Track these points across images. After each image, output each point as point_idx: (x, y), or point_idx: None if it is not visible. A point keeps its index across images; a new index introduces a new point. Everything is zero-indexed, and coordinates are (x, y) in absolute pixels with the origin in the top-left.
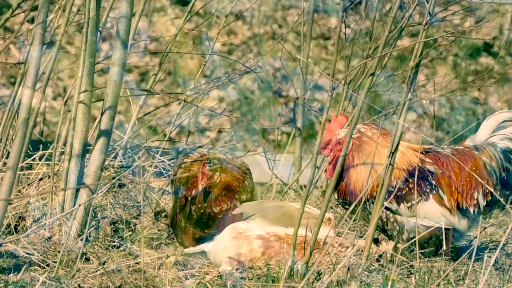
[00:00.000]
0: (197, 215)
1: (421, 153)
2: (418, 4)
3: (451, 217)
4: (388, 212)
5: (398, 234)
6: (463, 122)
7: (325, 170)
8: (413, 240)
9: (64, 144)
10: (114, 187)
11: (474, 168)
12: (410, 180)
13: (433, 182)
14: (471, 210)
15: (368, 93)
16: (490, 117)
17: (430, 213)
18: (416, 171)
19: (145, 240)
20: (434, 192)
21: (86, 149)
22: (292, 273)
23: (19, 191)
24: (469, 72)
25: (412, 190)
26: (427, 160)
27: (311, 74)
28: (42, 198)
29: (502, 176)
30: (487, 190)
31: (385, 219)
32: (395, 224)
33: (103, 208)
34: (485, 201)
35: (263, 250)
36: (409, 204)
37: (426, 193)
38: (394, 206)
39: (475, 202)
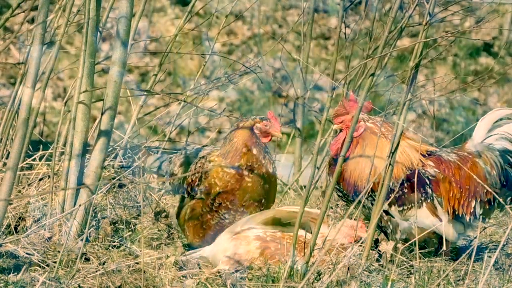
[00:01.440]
0: (259, 181)
1: (424, 155)
2: (418, 4)
3: (441, 228)
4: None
5: (391, 233)
6: (463, 122)
7: (330, 148)
8: (413, 240)
9: (64, 144)
10: (114, 187)
11: (475, 176)
12: (405, 184)
13: (429, 191)
14: (467, 217)
15: (368, 93)
16: (485, 117)
17: (421, 220)
18: (416, 175)
19: (145, 240)
20: (428, 201)
21: (86, 149)
22: (292, 273)
23: (19, 191)
24: (469, 72)
25: (405, 195)
26: (429, 163)
27: (311, 74)
28: (42, 198)
29: (502, 181)
30: (485, 199)
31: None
32: (389, 222)
33: (103, 208)
34: (481, 210)
35: (261, 251)
36: (401, 208)
37: (419, 201)
38: (385, 206)
39: (471, 210)
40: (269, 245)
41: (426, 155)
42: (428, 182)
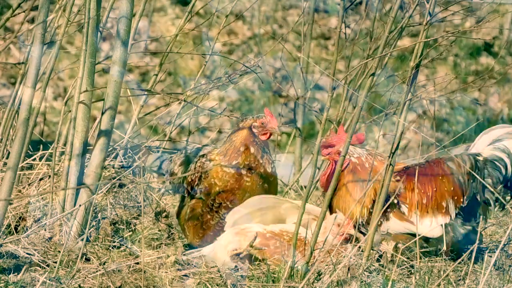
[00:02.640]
0: (258, 181)
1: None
2: (418, 4)
3: (414, 228)
4: None
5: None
6: (463, 122)
7: (320, 180)
8: (413, 241)
9: (65, 144)
10: (114, 187)
11: (441, 178)
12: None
13: (394, 200)
14: (442, 217)
15: (368, 93)
16: (488, 132)
17: (395, 228)
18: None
19: (145, 240)
20: (394, 210)
21: (86, 149)
22: (292, 273)
23: (20, 191)
24: (469, 72)
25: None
26: (397, 178)
27: (312, 73)
28: (42, 198)
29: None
30: (456, 197)
31: None
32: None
33: (103, 208)
34: (457, 209)
35: (262, 249)
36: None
37: (386, 214)
38: (363, 230)
39: (443, 210)
40: (268, 243)
41: (397, 172)
42: (392, 194)
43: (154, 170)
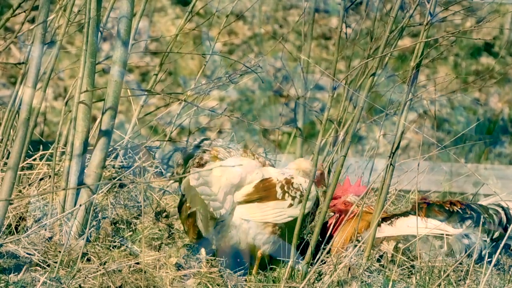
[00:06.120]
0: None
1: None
2: (419, 4)
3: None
4: None
5: None
6: (464, 122)
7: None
8: (413, 241)
9: (65, 144)
10: (115, 187)
11: None
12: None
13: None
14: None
15: (369, 93)
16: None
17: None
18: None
19: (145, 240)
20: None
21: (86, 149)
22: (293, 273)
23: (20, 191)
24: (470, 72)
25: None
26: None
27: (312, 73)
28: (42, 198)
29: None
30: None
31: None
32: None
33: (103, 208)
34: None
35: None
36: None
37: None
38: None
39: None
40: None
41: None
42: None
43: (164, 163)
